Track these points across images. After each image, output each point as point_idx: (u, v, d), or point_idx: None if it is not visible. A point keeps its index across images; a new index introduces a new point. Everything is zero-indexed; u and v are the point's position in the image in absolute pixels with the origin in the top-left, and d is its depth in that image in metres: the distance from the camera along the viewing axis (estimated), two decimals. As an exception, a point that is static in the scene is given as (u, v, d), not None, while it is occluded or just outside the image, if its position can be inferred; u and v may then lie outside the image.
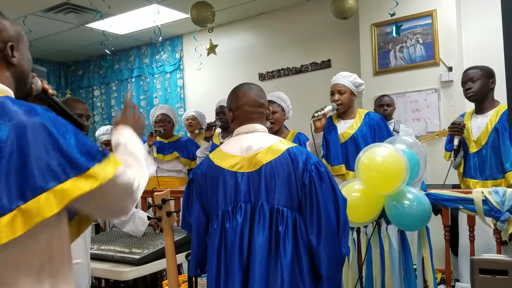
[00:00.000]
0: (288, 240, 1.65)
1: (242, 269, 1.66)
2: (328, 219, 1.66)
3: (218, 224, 1.73)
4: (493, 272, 1.86)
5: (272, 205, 1.68)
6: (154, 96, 6.80)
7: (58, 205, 0.99)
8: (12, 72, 1.16)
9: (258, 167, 1.71)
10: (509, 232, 2.31)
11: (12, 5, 4.98)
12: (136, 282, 2.86)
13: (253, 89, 1.89)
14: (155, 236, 2.83)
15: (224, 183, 1.75)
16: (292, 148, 1.75)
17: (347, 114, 3.33)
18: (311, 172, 1.68)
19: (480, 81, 2.95)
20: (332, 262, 1.67)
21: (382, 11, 4.45)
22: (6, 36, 1.15)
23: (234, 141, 1.84)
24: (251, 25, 5.93)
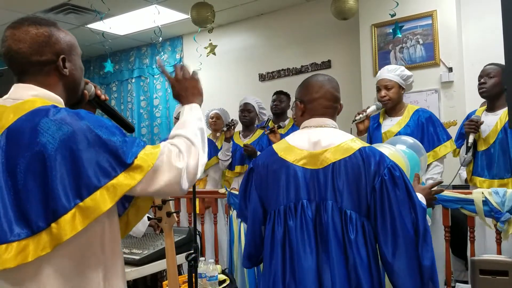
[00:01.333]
0: (361, 245, 1.53)
1: (315, 271, 1.55)
2: (404, 229, 1.50)
3: (280, 220, 1.62)
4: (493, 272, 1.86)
5: (341, 207, 1.55)
6: (154, 96, 6.80)
7: (112, 199, 1.11)
8: (64, 82, 1.27)
9: (325, 165, 1.59)
10: (509, 233, 2.31)
11: (12, 6, 4.98)
12: (136, 283, 2.86)
13: (330, 82, 1.76)
14: (155, 237, 2.83)
15: (287, 177, 1.63)
16: (365, 147, 1.60)
17: (396, 110, 3.08)
18: (384, 176, 1.54)
19: (495, 79, 2.85)
20: (411, 277, 1.52)
21: (382, 12, 4.45)
22: (59, 48, 1.25)
23: (302, 134, 1.71)
24: (251, 25, 5.93)
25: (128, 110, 7.08)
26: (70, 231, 1.09)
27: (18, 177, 1.10)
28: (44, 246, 1.09)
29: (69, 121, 1.13)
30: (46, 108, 1.16)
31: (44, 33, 1.23)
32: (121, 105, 7.18)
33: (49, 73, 1.24)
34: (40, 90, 1.22)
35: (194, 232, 2.15)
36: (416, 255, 1.52)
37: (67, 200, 1.09)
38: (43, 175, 1.10)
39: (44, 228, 1.09)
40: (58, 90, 1.25)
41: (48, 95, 1.22)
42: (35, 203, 1.10)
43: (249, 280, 3.01)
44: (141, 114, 6.93)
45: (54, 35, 1.25)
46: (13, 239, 1.08)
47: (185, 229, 2.86)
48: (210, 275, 2.52)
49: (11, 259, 1.07)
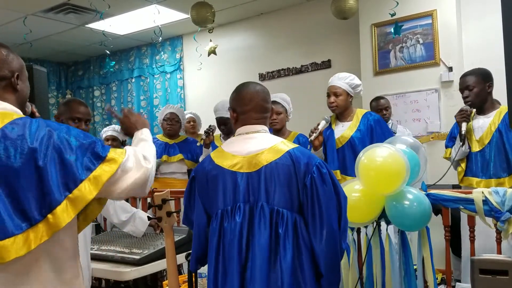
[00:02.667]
0: (288, 241, 1.65)
1: (240, 270, 1.66)
2: (329, 221, 1.66)
3: (217, 223, 1.74)
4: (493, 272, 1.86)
5: (272, 207, 1.68)
6: (154, 96, 6.80)
7: (96, 189, 1.34)
8: (17, 97, 1.47)
9: (258, 168, 1.71)
10: (509, 232, 2.31)
11: (12, 6, 4.98)
12: (136, 283, 2.86)
13: (259, 94, 1.85)
14: (155, 237, 2.83)
15: (223, 182, 1.75)
16: (293, 149, 1.74)
17: (345, 115, 3.26)
18: (313, 174, 1.67)
19: (476, 89, 2.99)
20: (332, 260, 1.69)
21: (382, 11, 4.45)
22: (14, 67, 1.46)
23: (236, 141, 1.83)
24: (251, 25, 5.93)
25: (128, 110, 7.08)
26: (64, 220, 1.31)
27: (12, 178, 1.30)
28: (42, 234, 1.30)
29: (52, 128, 1.36)
30: (25, 119, 1.38)
31: (3, 52, 1.45)
32: (121, 105, 7.18)
33: (6, 88, 1.45)
34: (5, 104, 1.42)
35: (194, 231, 2.15)
36: (337, 242, 1.69)
37: (59, 194, 1.30)
38: (36, 174, 1.30)
39: (40, 220, 1.30)
40: (14, 104, 1.45)
41: (12, 109, 1.43)
42: (31, 199, 1.30)
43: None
44: (141, 114, 6.91)
45: (10, 56, 1.46)
46: (18, 232, 1.28)
47: (185, 229, 2.86)
48: (210, 275, 2.51)
49: (20, 249, 1.28)
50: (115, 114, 1.91)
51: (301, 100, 4.91)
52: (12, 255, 1.27)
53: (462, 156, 3.08)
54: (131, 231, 2.77)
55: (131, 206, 3.94)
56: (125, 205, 2.78)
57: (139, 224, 2.76)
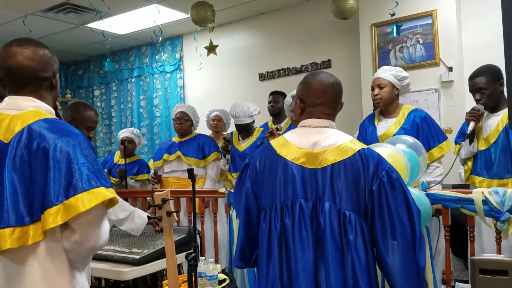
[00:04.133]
0: (360, 246, 1.54)
1: (314, 269, 1.56)
2: (402, 230, 1.52)
3: (277, 217, 1.62)
4: (493, 272, 1.86)
5: (339, 208, 1.56)
6: (154, 96, 6.80)
7: (90, 203, 1.33)
8: (52, 96, 1.58)
9: (324, 165, 1.59)
10: (509, 232, 2.31)
11: (12, 5, 4.98)
12: (136, 282, 2.86)
13: (334, 87, 1.73)
14: (155, 236, 2.83)
15: (284, 174, 1.63)
16: (364, 149, 1.61)
17: (390, 111, 3.07)
18: (382, 179, 1.55)
19: (488, 90, 2.84)
20: (410, 277, 1.54)
21: (382, 11, 4.45)
22: (55, 68, 1.58)
23: (302, 133, 1.70)
24: (251, 25, 5.93)
25: (128, 110, 7.08)
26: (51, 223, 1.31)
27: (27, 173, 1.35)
28: (40, 233, 1.33)
29: (74, 135, 1.41)
30: (53, 120, 1.44)
31: (48, 54, 1.55)
32: (121, 104, 7.18)
33: (47, 88, 1.55)
34: (39, 103, 1.50)
35: (194, 231, 2.15)
36: (414, 256, 1.53)
37: (55, 197, 1.32)
38: (46, 174, 1.34)
39: (40, 219, 1.33)
40: (50, 103, 1.55)
41: (45, 107, 1.51)
42: (38, 196, 1.34)
43: (249, 279, 3.01)
44: (141, 113, 6.93)
45: (53, 57, 1.57)
46: (19, 225, 1.32)
47: (185, 229, 2.87)
48: (210, 275, 2.52)
49: (16, 242, 1.31)
50: None
51: (301, 100, 4.90)
52: (7, 246, 1.31)
53: (470, 155, 2.98)
54: (129, 229, 2.76)
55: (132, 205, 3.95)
56: (123, 204, 2.78)
57: (137, 222, 2.76)
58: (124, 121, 7.10)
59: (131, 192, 4.15)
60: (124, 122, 7.09)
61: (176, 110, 4.26)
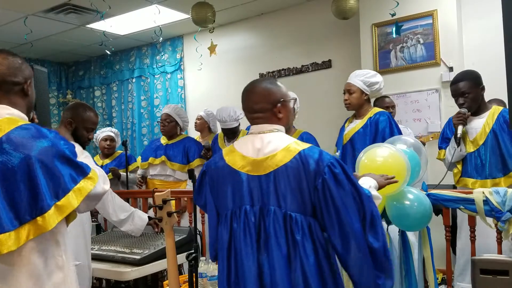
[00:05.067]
0: (308, 246, 1.58)
1: (258, 275, 1.61)
2: (351, 224, 1.56)
3: (226, 223, 1.71)
4: (494, 272, 1.86)
5: (285, 212, 1.60)
6: (155, 96, 6.80)
7: (79, 199, 1.51)
8: (26, 102, 1.65)
9: (267, 172, 1.64)
10: (510, 232, 2.31)
11: (13, 6, 4.98)
12: (136, 282, 2.87)
13: (253, 94, 1.79)
14: (156, 236, 2.84)
15: (232, 183, 1.71)
16: (304, 150, 1.63)
17: (360, 114, 3.22)
18: (324, 175, 1.57)
19: (471, 94, 2.99)
20: (365, 264, 1.58)
21: (382, 11, 4.45)
22: (27, 74, 1.64)
23: (247, 140, 1.76)
24: (251, 25, 5.93)
25: (128, 110, 7.08)
26: (54, 222, 1.46)
27: (10, 180, 1.43)
28: (30, 233, 1.44)
29: (52, 140, 1.51)
30: (30, 126, 1.52)
31: (18, 61, 1.63)
32: (121, 105, 7.18)
33: (18, 93, 1.61)
34: (13, 110, 1.56)
35: (195, 231, 2.16)
36: (365, 243, 1.57)
37: (50, 200, 1.46)
38: (30, 179, 1.44)
39: (29, 220, 1.44)
40: (23, 109, 1.62)
41: (20, 115, 1.58)
42: (24, 201, 1.44)
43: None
44: (142, 114, 6.94)
45: (24, 64, 1.65)
46: (12, 229, 1.42)
47: (186, 229, 2.87)
48: (210, 275, 2.52)
49: (13, 244, 1.41)
50: None
51: (302, 100, 4.87)
52: (5, 250, 1.41)
53: (459, 159, 3.08)
54: (129, 230, 2.77)
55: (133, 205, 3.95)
56: (124, 204, 2.78)
57: (137, 223, 2.76)
58: (124, 122, 7.10)
59: (132, 192, 4.15)
60: (124, 123, 7.10)
61: (162, 112, 4.28)
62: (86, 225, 2.60)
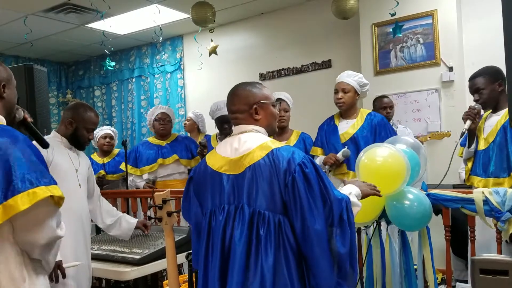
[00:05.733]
0: (270, 242, 1.60)
1: (221, 270, 1.66)
2: (313, 223, 1.58)
3: (206, 222, 1.76)
4: (494, 272, 1.86)
5: (254, 208, 1.64)
6: (154, 96, 6.80)
7: (29, 203, 1.37)
8: (3, 104, 1.60)
9: (242, 170, 1.70)
10: (510, 232, 2.31)
11: (13, 5, 4.98)
12: (136, 282, 2.87)
13: (232, 96, 1.87)
14: (156, 236, 2.84)
15: (212, 184, 1.77)
16: (277, 148, 1.69)
17: (349, 113, 3.33)
18: (294, 174, 1.61)
19: (486, 90, 2.86)
20: (325, 266, 1.60)
21: (382, 11, 4.45)
22: (1, 77, 1.59)
23: (227, 142, 1.83)
24: (251, 25, 5.93)
25: (128, 110, 7.08)
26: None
27: None
28: None
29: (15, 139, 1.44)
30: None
31: None
32: (121, 104, 7.18)
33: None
34: None
35: (195, 231, 2.15)
36: (328, 246, 1.59)
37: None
38: None
39: None
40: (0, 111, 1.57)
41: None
42: None
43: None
44: (142, 113, 6.93)
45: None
46: None
47: (185, 229, 2.87)
48: (210, 275, 2.51)
49: None
50: None
51: (302, 100, 4.91)
52: None
53: (468, 156, 2.98)
54: (117, 235, 2.79)
55: (133, 205, 3.95)
56: (111, 209, 2.80)
57: (124, 227, 2.78)
58: (124, 121, 7.10)
59: (131, 192, 4.15)
60: (124, 122, 7.10)
61: (156, 111, 4.27)
62: (86, 225, 2.60)
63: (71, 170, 2.51)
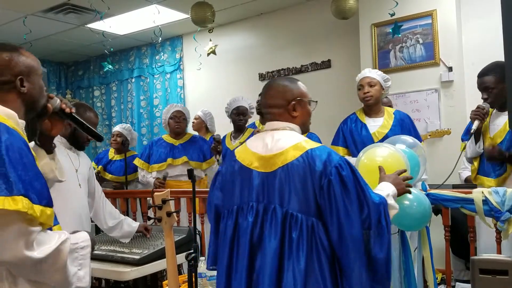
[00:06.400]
0: (302, 246, 1.55)
1: (248, 270, 1.62)
2: (350, 228, 1.53)
3: (232, 219, 1.70)
4: (493, 272, 1.86)
5: (287, 210, 1.59)
6: (154, 96, 6.80)
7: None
8: (23, 99, 1.45)
9: (274, 169, 1.64)
10: (509, 232, 2.31)
11: (12, 6, 4.98)
12: (136, 282, 2.87)
13: (270, 89, 1.81)
14: (155, 236, 2.84)
15: (241, 179, 1.71)
16: (313, 149, 1.62)
17: (375, 110, 3.18)
18: (330, 177, 1.55)
19: (496, 89, 2.77)
20: (358, 272, 1.55)
21: (382, 11, 4.45)
22: (17, 71, 1.44)
23: (260, 137, 1.76)
24: (251, 25, 5.93)
25: (128, 110, 7.08)
26: None
27: None
28: None
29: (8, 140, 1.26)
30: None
31: (4, 57, 1.44)
32: (121, 104, 7.18)
33: (9, 91, 1.43)
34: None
35: (194, 231, 2.15)
36: (365, 251, 1.55)
37: None
38: None
39: None
40: (15, 106, 1.43)
41: (2, 110, 1.37)
42: None
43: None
44: (141, 114, 6.93)
45: (14, 59, 1.46)
46: None
47: (185, 229, 2.87)
48: (210, 275, 2.52)
49: None
50: None
51: (301, 100, 4.90)
52: None
53: (475, 155, 2.93)
54: (117, 237, 2.79)
55: (132, 205, 3.95)
56: (114, 211, 2.80)
57: (126, 231, 2.79)
58: (124, 122, 7.09)
59: (131, 192, 4.15)
60: (124, 123, 7.09)
61: (172, 109, 4.23)
62: (86, 225, 2.60)
63: (71, 170, 2.51)
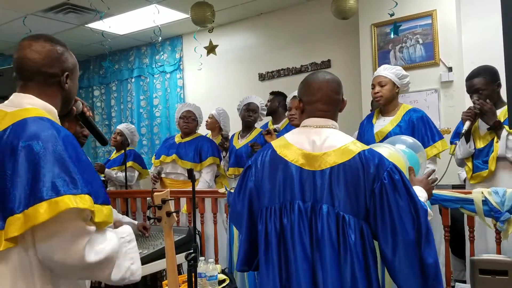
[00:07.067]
0: (360, 249, 1.52)
1: (311, 272, 1.54)
2: (404, 233, 1.50)
3: (276, 218, 1.61)
4: (493, 272, 1.86)
5: (338, 212, 1.53)
6: (154, 96, 6.80)
7: (48, 214, 1.18)
8: (62, 95, 1.47)
9: (323, 168, 1.57)
10: (509, 232, 2.32)
11: (12, 5, 4.98)
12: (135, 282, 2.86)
13: (329, 83, 1.71)
14: (155, 236, 2.83)
15: (284, 175, 1.61)
16: (364, 151, 1.58)
17: (389, 109, 3.11)
18: (383, 180, 1.52)
19: (486, 91, 2.83)
20: (414, 276, 1.52)
21: (382, 11, 4.45)
22: (65, 66, 1.46)
23: (302, 132, 1.68)
24: (251, 25, 5.93)
25: (127, 110, 7.08)
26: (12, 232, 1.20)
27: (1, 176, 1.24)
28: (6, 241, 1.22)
29: (49, 135, 1.26)
30: (37, 119, 1.30)
31: (58, 51, 1.45)
32: (120, 104, 7.18)
33: (53, 85, 1.44)
34: (36, 100, 1.39)
35: (194, 231, 2.15)
36: (418, 255, 1.52)
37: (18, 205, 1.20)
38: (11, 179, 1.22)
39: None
40: (55, 102, 1.45)
41: (43, 105, 1.39)
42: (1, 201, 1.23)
43: (248, 279, 3.01)
44: (141, 113, 6.93)
45: (65, 54, 1.47)
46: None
47: (185, 229, 2.87)
48: (209, 275, 2.52)
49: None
50: None
51: (301, 100, 4.90)
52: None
53: (467, 155, 2.96)
54: None
55: (132, 205, 3.94)
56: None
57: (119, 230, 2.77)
58: (124, 121, 7.08)
59: (131, 192, 4.15)
60: (123, 122, 7.09)
61: (182, 109, 4.21)
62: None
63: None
